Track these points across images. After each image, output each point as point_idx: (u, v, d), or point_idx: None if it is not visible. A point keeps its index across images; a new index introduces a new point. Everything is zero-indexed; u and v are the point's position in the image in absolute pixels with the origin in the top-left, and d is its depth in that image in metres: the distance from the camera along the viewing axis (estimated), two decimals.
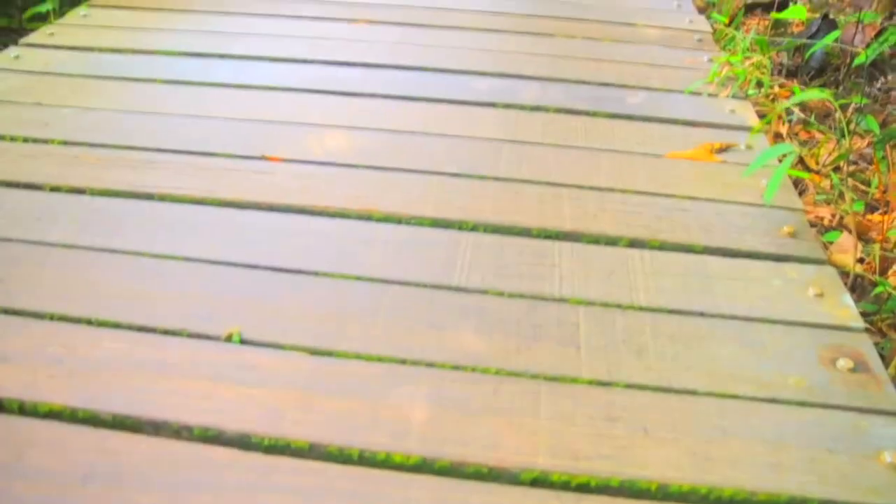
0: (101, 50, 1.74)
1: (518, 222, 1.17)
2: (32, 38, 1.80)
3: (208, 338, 0.91)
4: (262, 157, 1.30)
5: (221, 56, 1.72)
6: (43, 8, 2.46)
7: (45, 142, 1.35)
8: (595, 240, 1.14)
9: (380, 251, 1.09)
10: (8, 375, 0.84)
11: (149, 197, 1.20)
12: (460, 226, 1.15)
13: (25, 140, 1.35)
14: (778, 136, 2.09)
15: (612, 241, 1.14)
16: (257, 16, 1.98)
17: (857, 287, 1.48)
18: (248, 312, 0.96)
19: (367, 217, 1.16)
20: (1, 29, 3.14)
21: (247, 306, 0.97)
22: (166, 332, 0.92)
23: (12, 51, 1.71)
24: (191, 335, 0.92)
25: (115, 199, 1.19)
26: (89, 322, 0.93)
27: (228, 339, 0.91)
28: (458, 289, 1.02)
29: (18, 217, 1.14)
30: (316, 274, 1.04)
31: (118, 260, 1.05)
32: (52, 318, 0.94)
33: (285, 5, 2.05)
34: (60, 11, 2.41)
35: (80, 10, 1.99)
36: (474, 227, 1.15)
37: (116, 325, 0.93)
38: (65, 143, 1.35)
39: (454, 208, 1.19)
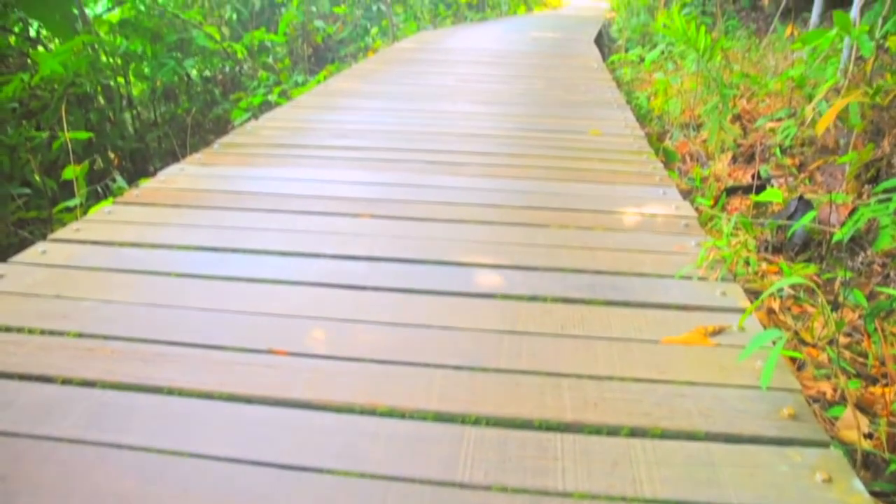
0: (121, 244, 1.84)
1: (520, 414, 1.18)
2: (59, 233, 1.91)
3: None
4: (269, 351, 1.35)
5: (234, 250, 1.81)
6: (72, 202, 2.64)
7: (62, 334, 1.39)
8: (596, 430, 1.15)
9: (383, 446, 1.09)
10: None
11: (158, 391, 1.22)
12: (463, 419, 1.17)
13: (42, 332, 1.40)
14: (771, 312, 2.14)
15: (613, 431, 1.15)
16: (269, 211, 2.10)
17: (871, 465, 1.46)
18: None
19: (370, 412, 1.18)
20: (31, 219, 3.35)
21: None
22: None
23: (40, 246, 1.81)
24: None
25: (126, 392, 1.22)
26: None
27: None
28: (461, 485, 1.02)
29: (28, 411, 1.16)
30: (319, 471, 1.04)
31: (124, 457, 1.06)
32: None
33: (295, 201, 2.19)
34: (86, 205, 2.59)
35: (105, 207, 2.12)
36: (477, 421, 1.16)
37: None
38: (80, 335, 1.39)
39: (457, 402, 1.21)
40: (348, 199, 2.21)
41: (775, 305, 2.16)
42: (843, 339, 1.93)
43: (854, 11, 3.70)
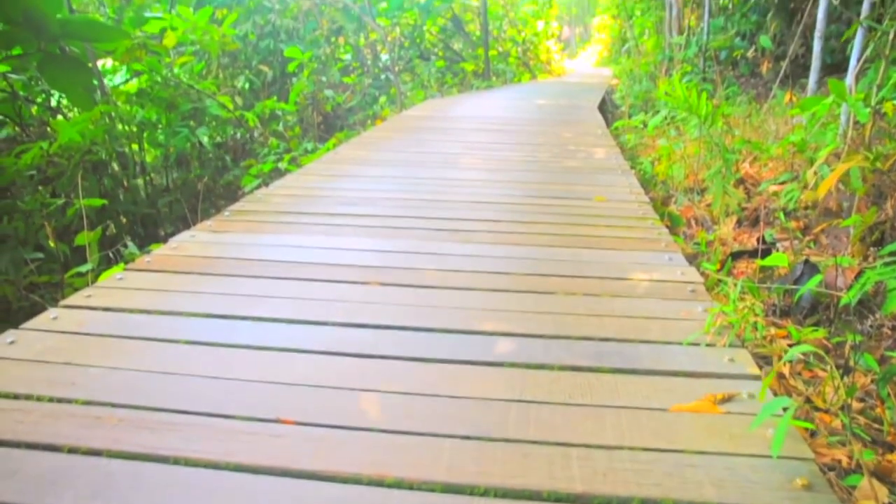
0: (131, 311, 1.85)
1: (529, 486, 1.16)
2: (71, 299, 1.93)
3: None
4: (277, 420, 1.34)
5: (242, 318, 1.82)
6: (84, 268, 2.68)
7: (70, 402, 1.40)
8: (607, 501, 1.13)
9: None
10: None
11: (164, 460, 1.22)
12: (471, 491, 1.15)
13: (51, 400, 1.40)
14: (781, 377, 2.12)
15: (623, 502, 1.13)
16: (278, 279, 2.12)
17: None
18: None
19: (378, 483, 1.17)
20: (43, 283, 3.38)
21: None
22: None
23: (51, 312, 1.82)
24: None
25: (132, 461, 1.21)
26: None
27: None
28: None
29: (33, 481, 1.16)
30: None
31: None
32: None
33: (303, 269, 2.20)
34: (98, 270, 2.62)
35: (117, 273, 2.14)
36: (485, 492, 1.15)
37: None
38: (88, 403, 1.39)
39: (465, 473, 1.19)
40: (356, 267, 2.22)
41: (786, 370, 2.14)
42: (855, 405, 1.90)
43: (849, 79, 3.80)
